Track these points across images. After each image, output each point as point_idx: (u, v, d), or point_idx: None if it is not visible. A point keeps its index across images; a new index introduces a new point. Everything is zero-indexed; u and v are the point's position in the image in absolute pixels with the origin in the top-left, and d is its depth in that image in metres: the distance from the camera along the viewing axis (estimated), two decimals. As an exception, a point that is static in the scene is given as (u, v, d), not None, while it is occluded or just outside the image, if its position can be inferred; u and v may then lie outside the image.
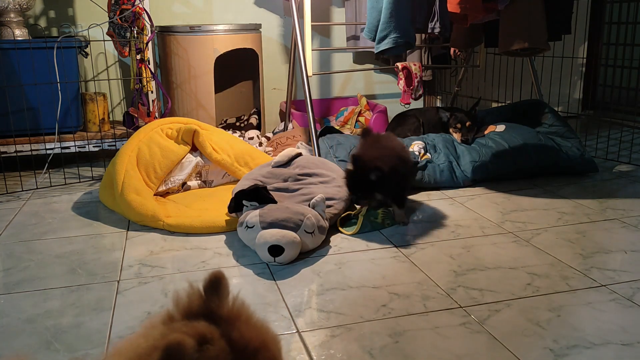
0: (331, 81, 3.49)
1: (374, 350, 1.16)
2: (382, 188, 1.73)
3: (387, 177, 1.70)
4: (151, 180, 2.05)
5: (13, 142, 2.44)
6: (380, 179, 1.69)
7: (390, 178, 1.71)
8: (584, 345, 1.16)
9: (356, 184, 1.75)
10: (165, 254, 1.67)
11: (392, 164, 1.73)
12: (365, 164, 1.71)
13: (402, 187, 1.84)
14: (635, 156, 2.62)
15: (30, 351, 1.18)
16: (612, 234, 1.76)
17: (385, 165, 1.70)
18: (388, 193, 1.77)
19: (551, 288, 1.41)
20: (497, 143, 2.35)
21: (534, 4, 2.19)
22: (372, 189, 1.73)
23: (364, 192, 1.75)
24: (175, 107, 2.84)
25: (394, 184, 1.75)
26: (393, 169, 1.72)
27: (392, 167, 1.72)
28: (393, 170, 1.72)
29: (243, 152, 2.24)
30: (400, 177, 1.78)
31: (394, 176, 1.72)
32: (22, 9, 2.57)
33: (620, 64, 3.18)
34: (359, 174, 1.72)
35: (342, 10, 3.37)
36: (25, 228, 1.90)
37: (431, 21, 2.29)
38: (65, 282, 1.49)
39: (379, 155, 1.75)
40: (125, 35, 2.42)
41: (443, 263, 1.58)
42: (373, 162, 1.70)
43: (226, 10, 3.18)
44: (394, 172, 1.72)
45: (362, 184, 1.73)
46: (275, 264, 1.58)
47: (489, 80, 3.21)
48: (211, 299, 0.65)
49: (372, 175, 1.69)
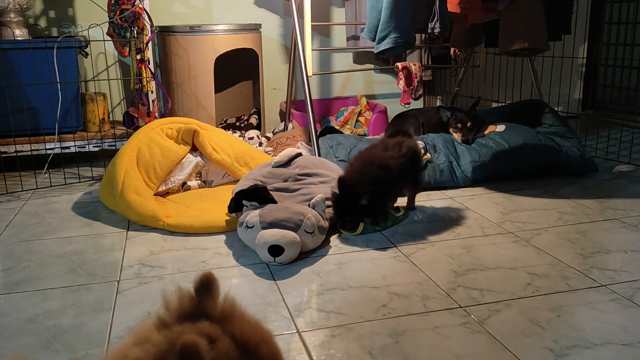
0: (331, 81, 3.49)
1: (374, 350, 1.16)
2: (368, 210, 1.73)
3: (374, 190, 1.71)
4: (151, 180, 2.05)
5: (13, 142, 2.44)
6: (369, 203, 1.70)
7: (377, 187, 1.72)
8: (584, 345, 1.16)
9: (344, 210, 1.74)
10: (165, 254, 1.67)
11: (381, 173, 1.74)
12: (353, 188, 1.71)
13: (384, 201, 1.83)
14: (635, 156, 2.62)
15: (30, 351, 1.18)
16: (612, 234, 1.76)
17: (373, 173, 1.71)
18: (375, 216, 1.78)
19: (551, 288, 1.41)
20: (497, 143, 2.35)
21: (534, 4, 2.19)
22: (361, 214, 1.74)
23: (352, 218, 1.75)
24: (175, 107, 2.84)
25: (379, 196, 1.75)
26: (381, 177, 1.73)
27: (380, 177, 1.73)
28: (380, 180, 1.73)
29: (243, 152, 2.24)
30: (386, 190, 1.79)
31: (380, 186, 1.73)
32: (22, 9, 2.57)
33: (620, 64, 3.18)
34: (347, 199, 1.72)
35: (342, 10, 3.37)
36: (25, 228, 1.90)
37: (431, 21, 2.29)
38: (65, 282, 1.49)
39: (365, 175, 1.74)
40: (125, 35, 2.42)
41: (443, 263, 1.58)
42: (362, 187, 1.70)
43: (226, 10, 3.18)
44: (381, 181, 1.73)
45: (351, 209, 1.73)
46: (275, 264, 1.58)
47: (489, 80, 3.21)
48: (204, 300, 0.65)
49: (363, 200, 1.69)
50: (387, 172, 1.77)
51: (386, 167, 1.78)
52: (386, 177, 1.76)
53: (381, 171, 1.76)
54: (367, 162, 1.79)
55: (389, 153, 1.83)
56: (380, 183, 1.74)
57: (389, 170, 1.77)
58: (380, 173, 1.75)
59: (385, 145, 1.88)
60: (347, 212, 1.74)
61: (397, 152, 1.83)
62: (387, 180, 1.76)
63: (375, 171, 1.75)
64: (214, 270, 1.54)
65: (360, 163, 1.79)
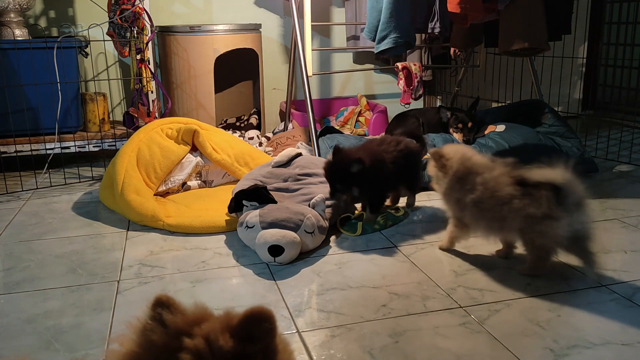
0: (331, 81, 3.49)
1: (374, 350, 1.16)
2: (361, 183, 1.74)
3: (368, 172, 1.71)
4: (151, 180, 2.05)
5: (13, 142, 2.44)
6: (360, 172, 1.70)
7: (371, 173, 1.73)
8: (584, 345, 1.16)
9: (335, 176, 1.74)
10: (165, 254, 1.67)
11: (375, 161, 1.76)
12: (346, 155, 1.73)
13: (379, 190, 1.85)
14: (635, 156, 2.62)
15: (30, 351, 1.18)
16: (612, 234, 1.76)
17: (368, 159, 1.72)
18: (366, 191, 1.78)
19: (551, 288, 1.41)
20: (497, 143, 2.35)
21: (534, 4, 2.19)
22: (352, 183, 1.74)
23: (342, 185, 1.74)
24: (175, 107, 2.84)
25: (373, 182, 1.76)
26: (375, 165, 1.74)
27: (374, 163, 1.74)
28: (374, 167, 1.74)
29: (243, 152, 2.24)
30: (381, 179, 1.80)
31: (374, 173, 1.74)
32: (22, 9, 2.57)
33: (620, 64, 3.18)
34: (339, 166, 1.73)
35: (342, 10, 3.37)
36: (25, 228, 1.90)
37: (431, 21, 2.29)
38: (65, 282, 1.49)
39: (362, 149, 1.77)
40: (125, 35, 2.42)
41: (443, 263, 1.58)
42: (355, 154, 1.73)
43: (226, 10, 3.18)
44: (375, 169, 1.74)
45: (342, 177, 1.73)
46: (275, 264, 1.58)
47: (489, 80, 3.21)
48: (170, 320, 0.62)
49: (353, 167, 1.70)
50: (380, 159, 1.80)
51: (380, 154, 1.82)
52: (380, 162, 1.79)
53: (376, 155, 1.80)
54: (363, 146, 1.87)
55: (383, 147, 1.87)
56: (375, 163, 1.75)
57: (382, 158, 1.81)
58: (375, 153, 1.79)
59: (382, 140, 1.93)
60: (338, 179, 1.74)
61: (392, 147, 1.88)
62: (381, 165, 1.79)
63: (371, 151, 1.80)
64: (214, 271, 1.55)
65: (356, 148, 1.87)
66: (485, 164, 1.50)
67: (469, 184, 1.49)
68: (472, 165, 1.51)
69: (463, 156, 1.53)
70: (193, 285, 1.47)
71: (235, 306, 1.35)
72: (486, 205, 1.45)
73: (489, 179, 1.46)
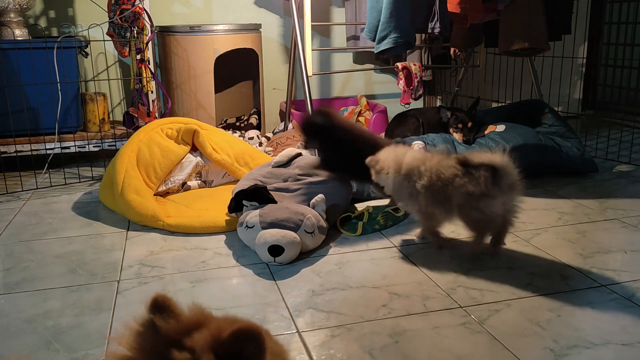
0: (331, 81, 3.49)
1: (374, 350, 1.16)
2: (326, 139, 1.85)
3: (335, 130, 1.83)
4: (151, 180, 2.05)
5: (13, 142, 2.44)
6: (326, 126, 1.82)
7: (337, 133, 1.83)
8: (584, 345, 1.16)
9: (309, 127, 1.87)
10: (165, 254, 1.67)
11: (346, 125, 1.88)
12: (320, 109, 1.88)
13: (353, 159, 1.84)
14: (635, 156, 2.62)
15: (30, 351, 1.18)
16: (612, 234, 1.76)
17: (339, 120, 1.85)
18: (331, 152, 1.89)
19: (551, 288, 1.41)
20: (497, 143, 2.35)
21: (534, 4, 2.19)
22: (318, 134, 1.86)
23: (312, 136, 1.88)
24: (175, 107, 2.84)
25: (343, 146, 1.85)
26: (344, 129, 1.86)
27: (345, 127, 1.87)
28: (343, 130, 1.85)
29: (243, 152, 2.24)
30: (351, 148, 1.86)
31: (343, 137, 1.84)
32: (22, 9, 2.57)
33: (620, 64, 3.17)
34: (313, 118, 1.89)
35: (342, 10, 3.37)
36: (25, 228, 1.90)
37: (431, 21, 2.29)
38: (65, 282, 1.49)
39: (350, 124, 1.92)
40: (125, 35, 2.42)
41: (443, 263, 1.57)
42: (325, 109, 1.87)
43: (226, 10, 3.18)
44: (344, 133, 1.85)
45: (313, 128, 1.86)
46: (275, 264, 1.58)
47: (489, 80, 3.21)
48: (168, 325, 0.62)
49: (317, 118, 1.84)
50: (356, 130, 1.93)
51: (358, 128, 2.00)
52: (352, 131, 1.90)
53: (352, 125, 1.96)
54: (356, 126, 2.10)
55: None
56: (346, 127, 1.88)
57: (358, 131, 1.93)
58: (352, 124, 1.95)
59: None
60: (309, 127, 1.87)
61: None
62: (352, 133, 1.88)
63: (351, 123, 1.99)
64: (214, 271, 1.55)
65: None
66: (420, 156, 1.61)
67: (415, 175, 1.58)
68: (409, 161, 1.60)
69: (396, 155, 1.62)
70: (193, 286, 1.47)
71: (235, 306, 1.36)
72: (435, 188, 1.55)
73: (432, 165, 1.56)
